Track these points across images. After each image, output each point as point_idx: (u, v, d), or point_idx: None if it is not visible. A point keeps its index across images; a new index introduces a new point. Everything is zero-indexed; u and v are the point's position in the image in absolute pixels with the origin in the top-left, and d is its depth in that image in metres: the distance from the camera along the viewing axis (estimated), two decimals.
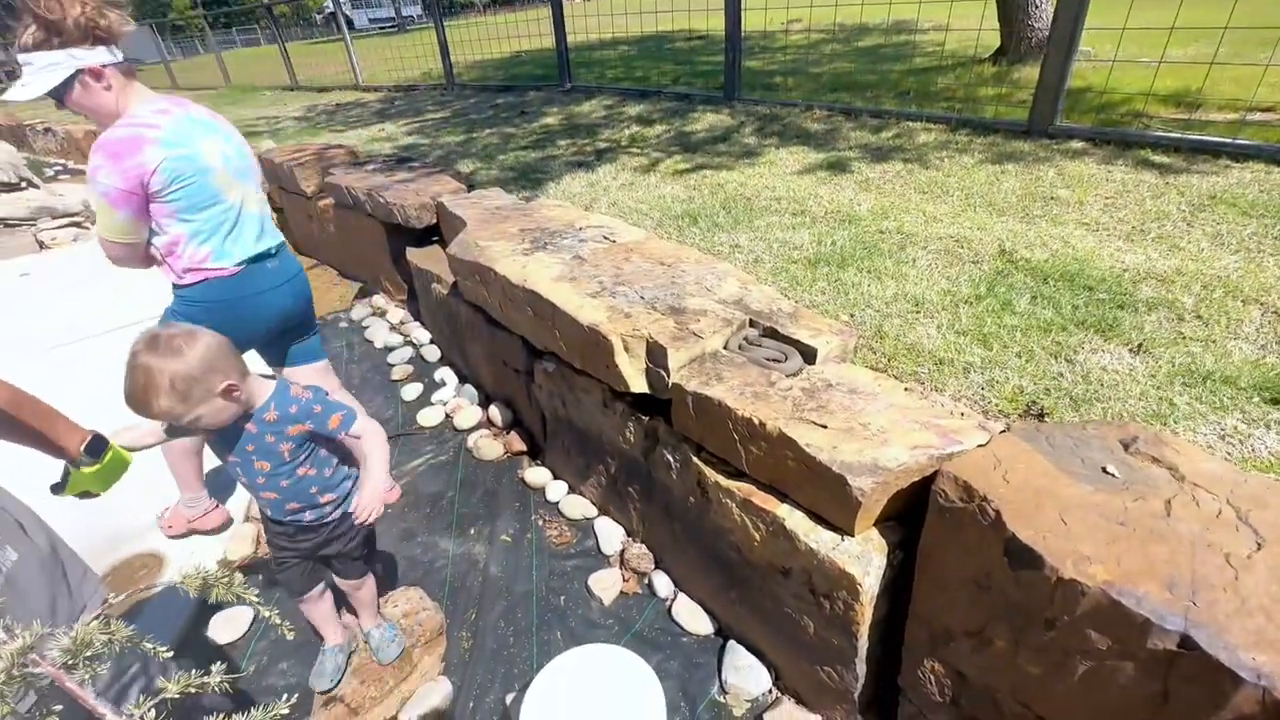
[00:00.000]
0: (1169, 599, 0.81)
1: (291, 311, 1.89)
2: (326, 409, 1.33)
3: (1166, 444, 1.08)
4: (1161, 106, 3.37)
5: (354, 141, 4.81)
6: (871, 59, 5.62)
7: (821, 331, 1.56)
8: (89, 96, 1.52)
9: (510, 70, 7.65)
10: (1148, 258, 1.96)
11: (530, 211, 2.58)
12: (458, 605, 1.84)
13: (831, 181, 2.93)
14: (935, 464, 1.15)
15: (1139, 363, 1.52)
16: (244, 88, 10.32)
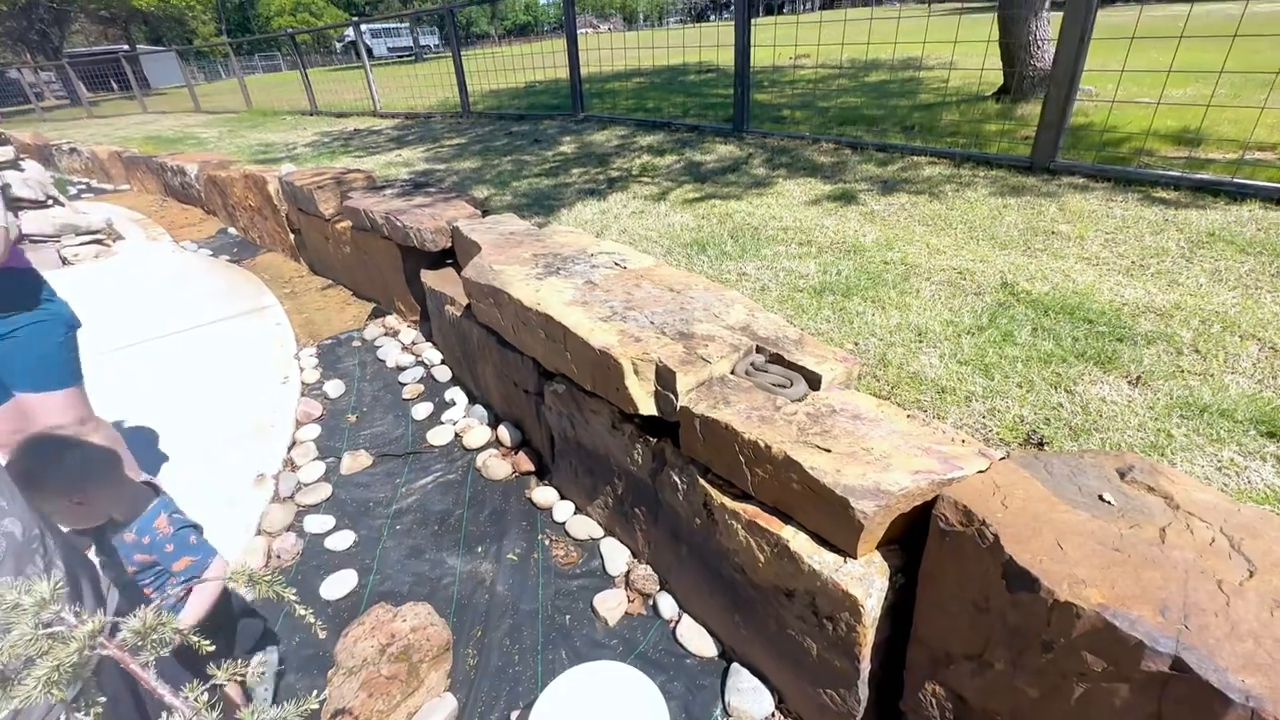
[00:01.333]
0: (1162, 623, 0.84)
1: None
2: (178, 551, 1.34)
3: (1162, 474, 1.11)
4: (1161, 145, 3.45)
5: (371, 166, 4.95)
6: (878, 94, 5.76)
7: (826, 359, 1.61)
8: None
9: (525, 100, 7.86)
10: (1147, 292, 2.01)
11: (543, 237, 2.65)
12: (464, 622, 1.86)
13: (837, 213, 3.00)
14: (936, 489, 1.18)
15: (1137, 394, 1.56)
16: (265, 111, 10.61)
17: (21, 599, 0.49)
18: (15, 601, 0.50)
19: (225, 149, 7.13)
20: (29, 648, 0.50)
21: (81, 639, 0.49)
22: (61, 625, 0.50)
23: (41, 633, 0.49)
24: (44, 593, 0.49)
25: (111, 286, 4.73)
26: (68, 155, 9.68)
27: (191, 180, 6.44)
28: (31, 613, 0.49)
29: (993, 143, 3.78)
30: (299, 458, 2.65)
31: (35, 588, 0.50)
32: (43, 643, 0.50)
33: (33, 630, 0.49)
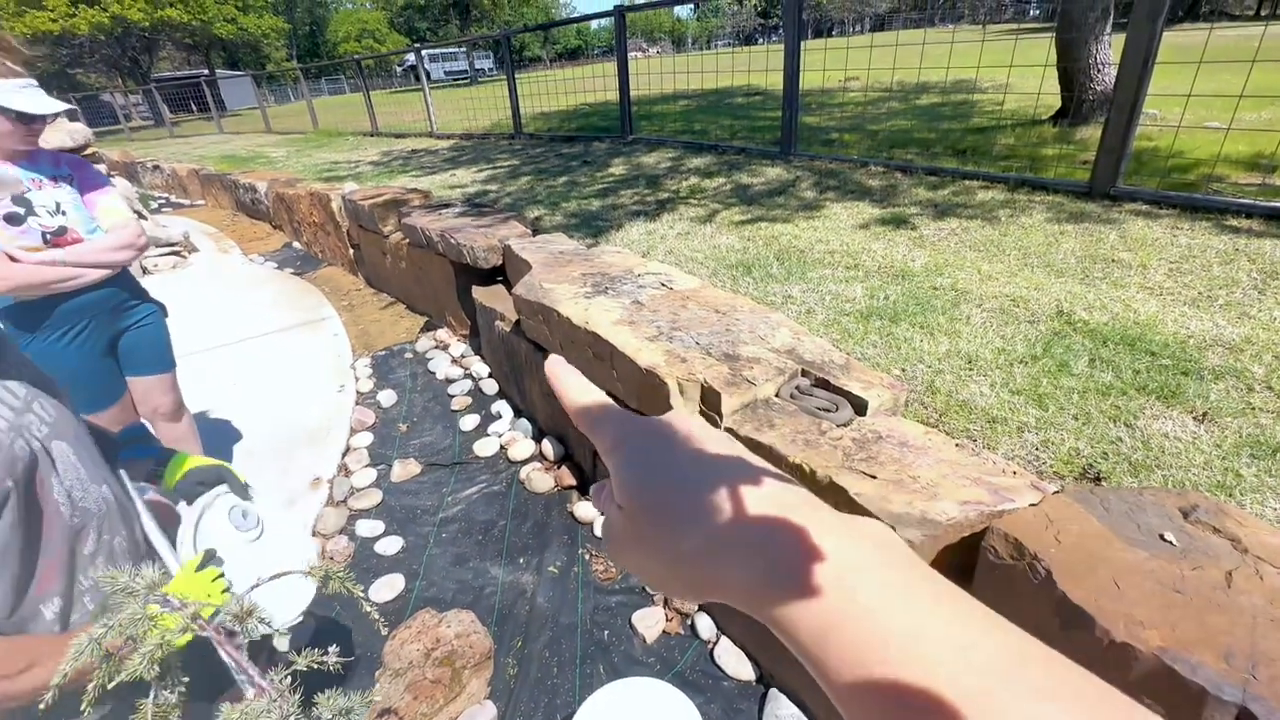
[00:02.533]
0: (1226, 670, 0.81)
1: None
2: None
3: (1229, 515, 1.07)
4: (1232, 171, 3.31)
5: (428, 186, 5.16)
6: (930, 117, 5.70)
7: (873, 384, 1.60)
8: None
9: (575, 121, 8.07)
10: (1215, 325, 1.93)
11: (591, 257, 2.72)
12: (505, 632, 1.90)
13: (886, 237, 2.98)
14: (985, 520, 1.16)
15: (1203, 431, 1.50)
16: (330, 132, 11.18)
17: (133, 583, 0.55)
18: (127, 585, 0.55)
19: (293, 167, 7.54)
20: (135, 627, 0.55)
21: (184, 620, 0.54)
22: (166, 607, 0.55)
23: (148, 613, 0.55)
24: (153, 577, 0.55)
25: (186, 295, 5.04)
26: (151, 172, 10.39)
27: (261, 197, 6.83)
28: (141, 595, 0.54)
29: (1049, 167, 3.69)
30: (352, 464, 2.76)
31: (145, 573, 0.55)
32: (147, 623, 0.56)
33: (141, 611, 0.54)
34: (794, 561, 0.23)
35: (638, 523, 0.26)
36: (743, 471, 0.26)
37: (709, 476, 0.26)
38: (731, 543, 0.24)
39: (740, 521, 0.24)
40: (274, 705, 0.54)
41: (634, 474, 0.27)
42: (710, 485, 0.26)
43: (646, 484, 0.26)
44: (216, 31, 25.24)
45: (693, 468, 0.26)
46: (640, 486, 0.26)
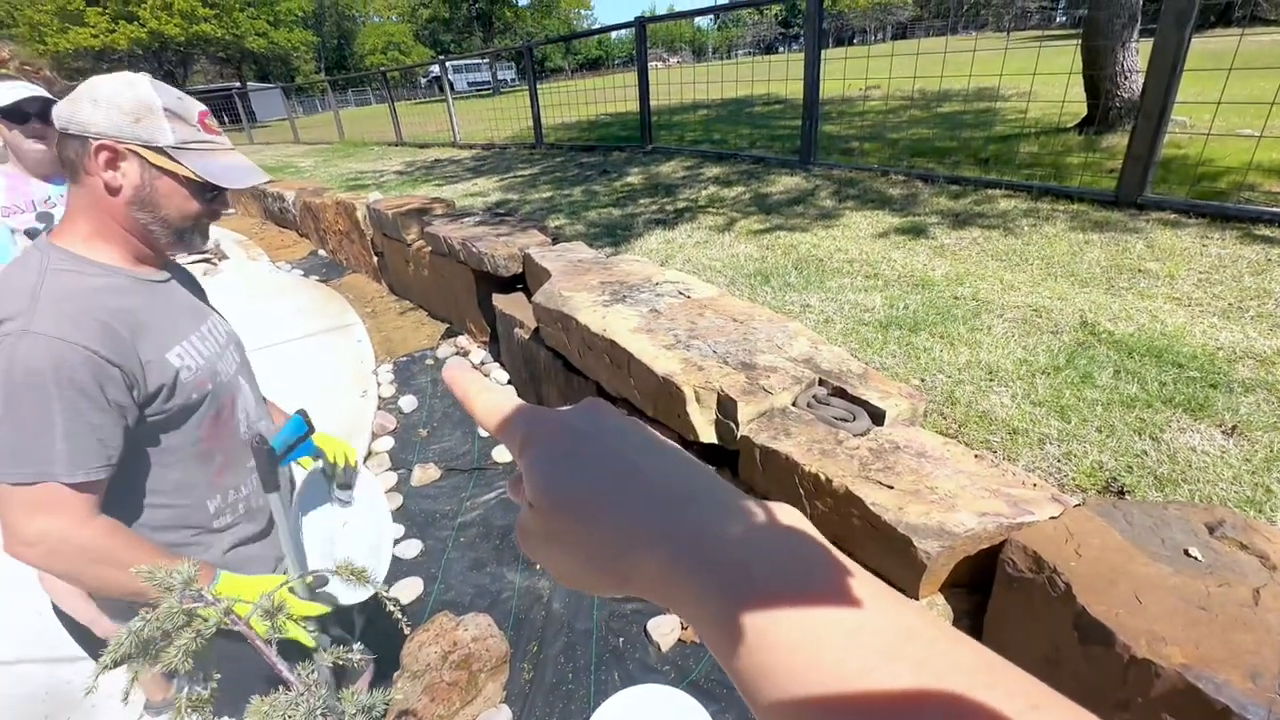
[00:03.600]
0: (1252, 689, 0.80)
1: None
2: None
3: (1257, 530, 1.05)
4: (1265, 179, 3.23)
5: (450, 195, 5.24)
6: (951, 125, 5.66)
7: (891, 394, 1.59)
8: None
9: (595, 131, 8.15)
10: (1245, 336, 1.89)
11: (610, 265, 2.74)
12: (521, 636, 1.91)
13: (906, 246, 2.96)
14: (1004, 533, 1.15)
15: (1232, 445, 1.46)
16: (356, 142, 11.42)
17: (171, 578, 0.58)
18: (165, 581, 0.58)
19: (320, 177, 7.72)
20: (173, 621, 0.58)
21: (218, 615, 0.57)
22: (201, 602, 0.58)
23: (184, 608, 0.57)
24: (189, 573, 0.57)
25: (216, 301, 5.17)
26: None
27: (289, 205, 6.99)
28: (178, 591, 0.57)
29: (1074, 176, 3.64)
30: (374, 467, 2.81)
31: (181, 569, 0.58)
32: (182, 617, 0.58)
33: (178, 605, 0.57)
34: (697, 549, 0.23)
35: (549, 519, 0.26)
36: (651, 459, 0.27)
37: (617, 468, 0.26)
38: (638, 534, 0.24)
39: (647, 512, 0.24)
40: (301, 699, 0.56)
41: (543, 471, 0.27)
42: (617, 477, 0.26)
43: (555, 480, 0.26)
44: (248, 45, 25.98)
45: (600, 461, 0.26)
46: (549, 483, 0.26)
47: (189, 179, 0.94)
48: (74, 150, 0.89)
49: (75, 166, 0.90)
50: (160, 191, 0.94)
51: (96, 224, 0.93)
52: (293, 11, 28.60)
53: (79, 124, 0.87)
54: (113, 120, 0.87)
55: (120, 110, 0.88)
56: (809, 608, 0.20)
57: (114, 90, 0.88)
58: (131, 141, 0.89)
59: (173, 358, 0.96)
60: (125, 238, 0.96)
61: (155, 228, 0.96)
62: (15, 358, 0.81)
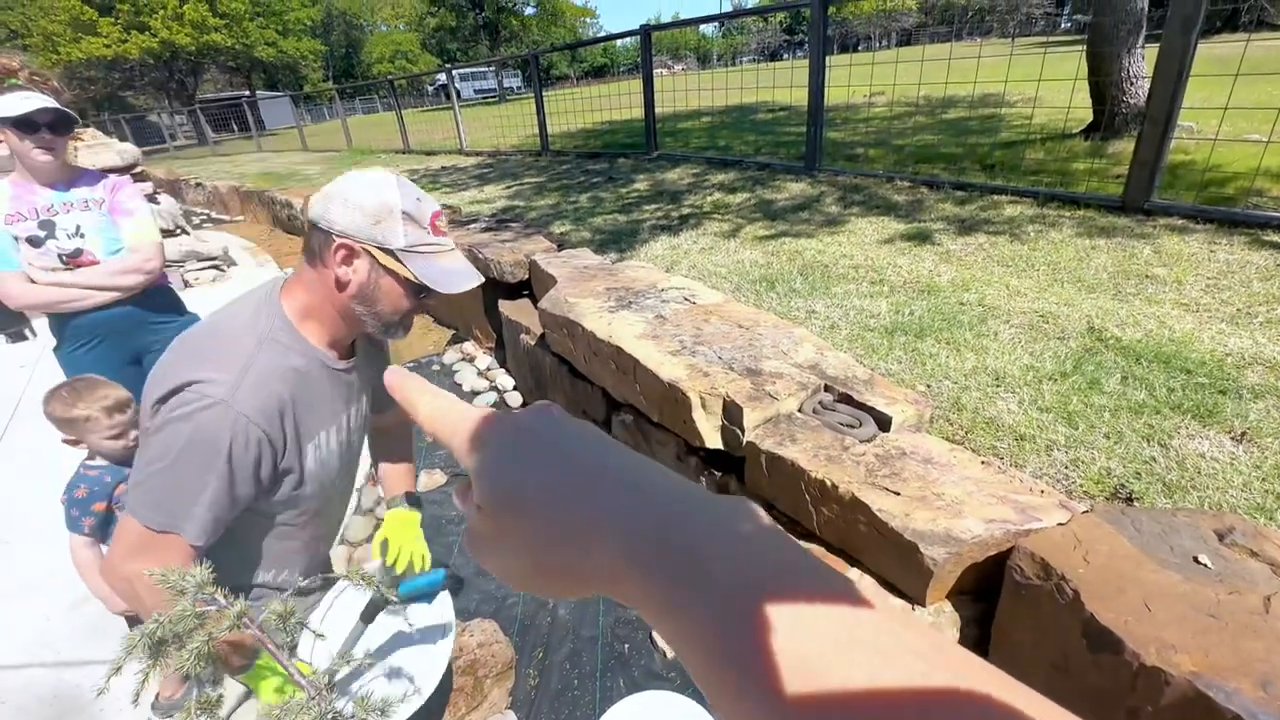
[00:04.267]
0: (1263, 698, 0.79)
1: None
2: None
3: (1268, 538, 1.04)
4: (1273, 184, 3.22)
5: (456, 202, 5.28)
6: (956, 132, 5.66)
7: (897, 400, 1.59)
8: None
9: (601, 138, 8.19)
10: (1255, 342, 1.88)
11: (616, 272, 2.75)
12: (526, 642, 1.91)
13: (911, 252, 2.96)
14: (1012, 539, 1.15)
15: (1242, 452, 1.46)
16: (363, 150, 11.51)
17: (184, 582, 0.58)
18: (178, 584, 0.59)
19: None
20: (184, 624, 0.58)
21: (232, 618, 0.57)
22: (214, 605, 0.59)
23: (197, 610, 0.58)
24: (203, 576, 0.58)
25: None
26: (193, 190, 10.81)
27: (298, 213, 7.05)
28: (192, 594, 0.58)
29: (1080, 181, 3.64)
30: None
31: (195, 572, 0.59)
32: (194, 620, 0.59)
33: (191, 608, 0.57)
34: (654, 543, 0.23)
35: (499, 519, 0.26)
36: (608, 457, 0.26)
37: (571, 464, 0.26)
38: (595, 529, 0.24)
39: (605, 506, 0.24)
40: (312, 703, 0.56)
41: (492, 469, 0.27)
42: (573, 473, 0.26)
43: (501, 482, 0.26)
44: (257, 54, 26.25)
45: (553, 457, 0.26)
46: (495, 485, 0.26)
47: (408, 280, 0.99)
48: (318, 241, 0.97)
49: (314, 253, 0.99)
50: (382, 289, 1.00)
51: (317, 304, 1.01)
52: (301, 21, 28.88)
53: (328, 221, 0.95)
54: (355, 221, 0.94)
55: (364, 212, 0.94)
56: (768, 601, 0.20)
57: (363, 193, 0.95)
58: (367, 242, 0.95)
59: (309, 448, 1.03)
60: (336, 323, 1.03)
61: (368, 319, 1.03)
62: (204, 421, 0.87)
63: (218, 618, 0.57)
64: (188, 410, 0.86)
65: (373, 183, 0.96)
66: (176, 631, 0.61)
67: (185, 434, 0.86)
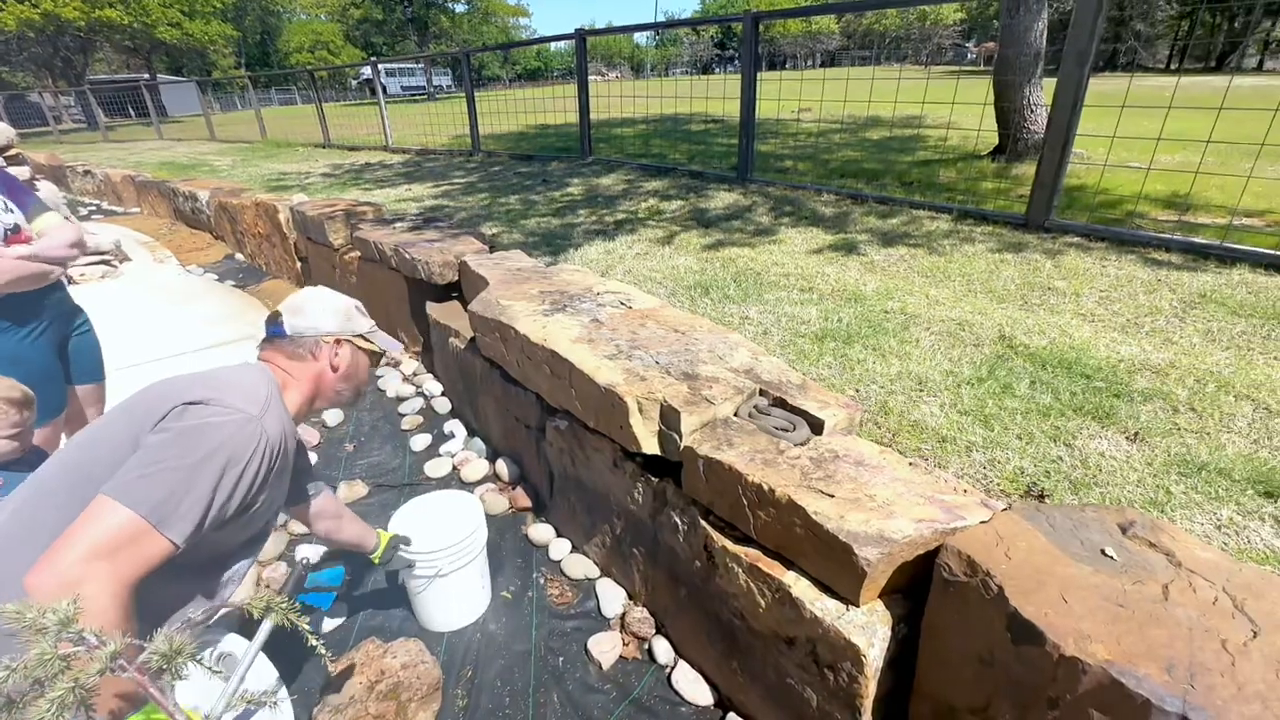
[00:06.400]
0: (1168, 681, 0.84)
1: None
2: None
3: (1163, 530, 1.12)
4: (1152, 208, 3.56)
5: (381, 200, 5.05)
6: (878, 149, 5.95)
7: (829, 404, 1.62)
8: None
9: (534, 141, 8.07)
10: (1142, 350, 2.05)
11: (550, 275, 2.69)
12: (455, 661, 1.82)
13: (839, 262, 3.07)
14: (939, 538, 1.19)
15: (1136, 451, 1.58)
16: (279, 143, 10.85)
17: (44, 619, 0.49)
18: (35, 621, 0.50)
19: (238, 177, 7.27)
20: (45, 668, 0.49)
21: (103, 660, 0.49)
22: (82, 646, 0.50)
23: (59, 653, 0.49)
24: (66, 613, 0.49)
25: (116, 306, 4.75)
26: (81, 177, 9.84)
27: (203, 206, 6.54)
28: (53, 633, 0.49)
29: (989, 200, 3.89)
30: None
31: (58, 608, 0.50)
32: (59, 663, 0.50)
33: (52, 651, 0.49)
34: None
35: None
36: None
37: None
38: None
39: None
40: None
41: None
42: None
43: None
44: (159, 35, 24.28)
45: None
46: None
47: (372, 352, 1.44)
48: (307, 345, 1.33)
49: (302, 354, 1.33)
50: (360, 364, 1.42)
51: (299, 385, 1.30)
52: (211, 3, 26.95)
53: (315, 328, 1.34)
54: (337, 322, 1.38)
55: (338, 314, 1.39)
56: None
57: (331, 301, 1.41)
58: (349, 334, 1.39)
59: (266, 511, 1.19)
60: (311, 400, 1.33)
61: (347, 393, 1.41)
62: (235, 430, 0.98)
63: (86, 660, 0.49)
64: (221, 420, 0.96)
65: (329, 294, 1.41)
66: (36, 678, 0.52)
67: (217, 440, 0.95)
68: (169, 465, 0.89)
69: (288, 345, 1.28)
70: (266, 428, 1.01)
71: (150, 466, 0.88)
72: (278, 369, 1.26)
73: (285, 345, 1.29)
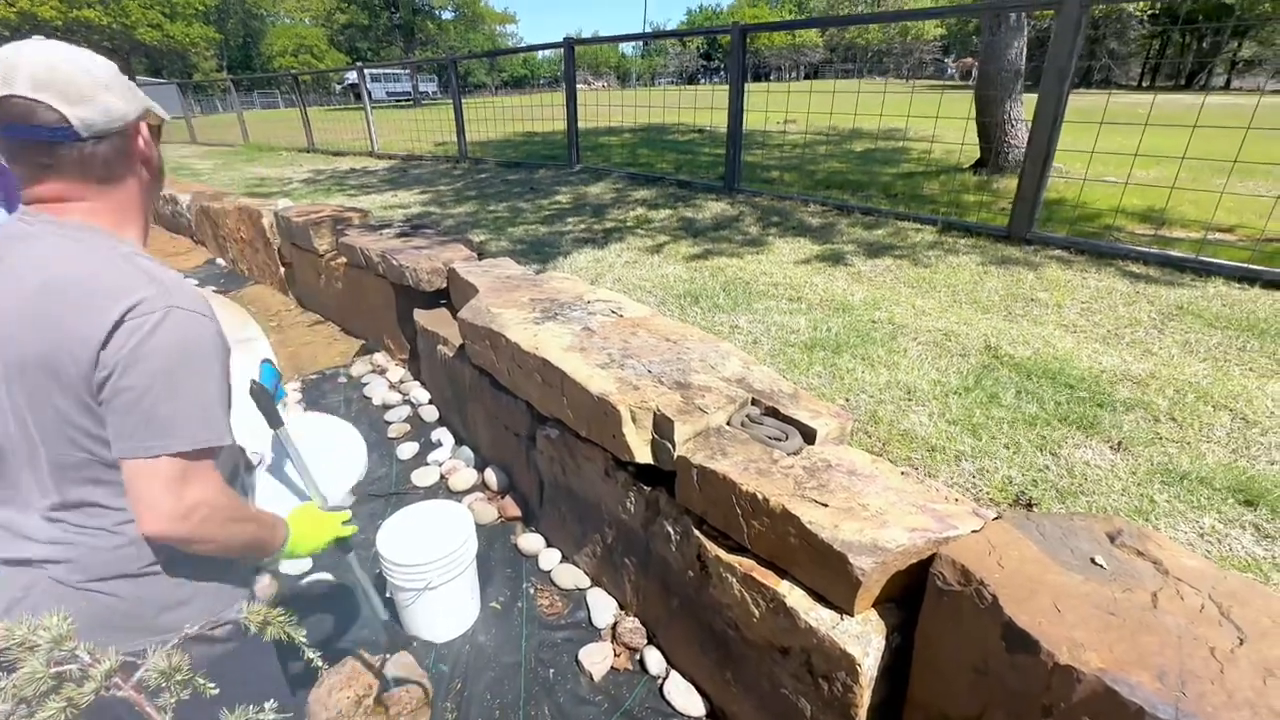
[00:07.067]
0: (1160, 689, 0.85)
1: None
2: None
3: (1150, 538, 1.14)
4: (1129, 222, 3.64)
5: (367, 205, 5.01)
6: (863, 161, 6.03)
7: (820, 413, 1.64)
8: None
9: (521, 149, 8.07)
10: (1123, 360, 2.09)
11: (540, 282, 2.69)
12: (444, 673, 1.79)
13: (826, 272, 3.10)
14: (933, 547, 1.20)
15: (1119, 460, 1.60)
16: (261, 146, 10.74)
17: (35, 636, 0.48)
18: (26, 639, 0.48)
19: (220, 181, 7.17)
20: (36, 687, 0.48)
21: (98, 678, 0.47)
22: (75, 663, 0.48)
23: (51, 671, 0.48)
24: (60, 629, 0.48)
25: None
26: None
27: (183, 210, 6.44)
28: (44, 650, 0.47)
29: (972, 212, 3.96)
30: None
31: (49, 623, 0.48)
32: (49, 682, 0.48)
33: (43, 669, 0.47)
34: None
35: None
36: None
37: None
38: None
39: None
40: None
41: None
42: None
43: None
44: (139, 36, 23.96)
45: None
46: None
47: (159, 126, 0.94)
48: (114, 149, 0.85)
49: (111, 164, 0.85)
50: (156, 150, 0.95)
51: (121, 210, 0.91)
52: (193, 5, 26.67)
53: (117, 117, 0.83)
54: (129, 96, 0.85)
55: (121, 82, 0.85)
56: None
57: (105, 69, 0.83)
58: (145, 110, 0.89)
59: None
60: (142, 219, 0.97)
61: (157, 195, 0.98)
62: (174, 334, 0.82)
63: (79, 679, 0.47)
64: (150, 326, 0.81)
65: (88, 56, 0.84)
66: (23, 697, 0.50)
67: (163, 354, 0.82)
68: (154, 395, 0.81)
69: (87, 159, 0.81)
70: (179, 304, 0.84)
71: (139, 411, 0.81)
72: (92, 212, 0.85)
73: (81, 160, 0.81)
